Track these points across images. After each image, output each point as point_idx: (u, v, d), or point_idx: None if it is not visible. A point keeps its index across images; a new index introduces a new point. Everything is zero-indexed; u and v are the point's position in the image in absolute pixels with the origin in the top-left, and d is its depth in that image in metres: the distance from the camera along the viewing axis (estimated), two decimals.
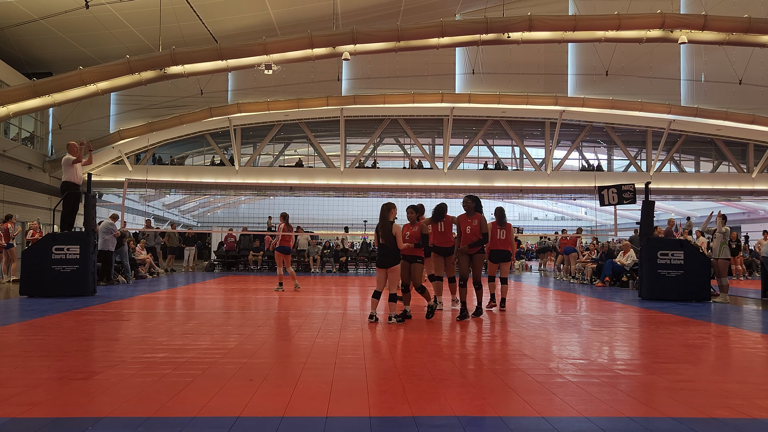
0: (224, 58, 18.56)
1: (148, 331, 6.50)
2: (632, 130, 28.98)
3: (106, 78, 18.56)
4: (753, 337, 6.62)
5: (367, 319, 7.42)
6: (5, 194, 21.10)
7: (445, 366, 4.77)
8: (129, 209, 32.56)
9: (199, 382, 4.10)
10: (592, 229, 45.61)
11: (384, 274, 7.36)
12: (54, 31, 20.39)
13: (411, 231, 7.53)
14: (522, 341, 6.06)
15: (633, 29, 18.67)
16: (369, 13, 23.09)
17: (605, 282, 14.44)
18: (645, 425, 3.27)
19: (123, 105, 24.88)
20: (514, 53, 24.22)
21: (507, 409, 3.56)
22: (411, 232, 7.53)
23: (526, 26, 18.31)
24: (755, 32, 18.20)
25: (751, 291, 13.11)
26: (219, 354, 5.17)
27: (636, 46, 21.35)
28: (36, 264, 10.17)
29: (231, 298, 10.40)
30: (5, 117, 18.52)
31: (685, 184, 28.63)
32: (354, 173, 27.57)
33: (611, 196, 11.57)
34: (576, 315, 8.55)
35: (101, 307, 8.61)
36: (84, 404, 3.54)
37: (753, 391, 4.07)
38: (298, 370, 4.54)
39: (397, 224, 7.39)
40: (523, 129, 29.02)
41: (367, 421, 3.29)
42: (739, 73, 23.45)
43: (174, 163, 27.98)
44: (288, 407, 3.53)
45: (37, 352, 5.16)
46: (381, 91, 24.93)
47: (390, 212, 7.44)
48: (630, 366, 4.93)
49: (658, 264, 10.73)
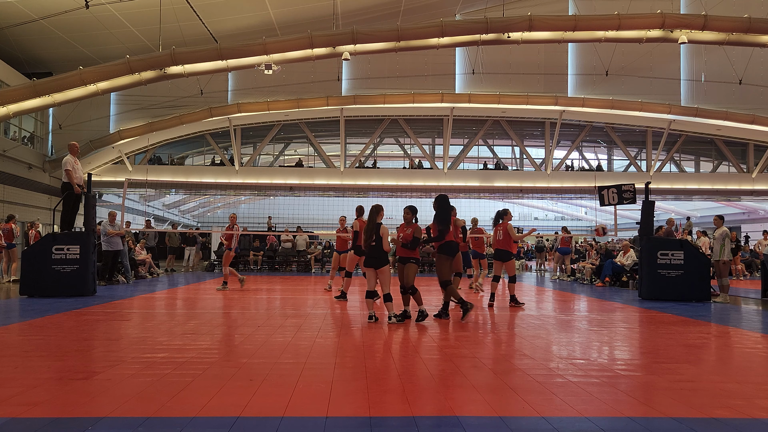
0: (224, 58, 18.56)
1: (148, 331, 6.50)
2: (632, 130, 28.98)
3: (106, 78, 18.55)
4: (753, 337, 6.62)
5: (366, 319, 7.44)
6: (5, 194, 21.10)
7: (445, 366, 4.77)
8: (129, 209, 32.55)
9: (199, 382, 4.10)
10: (592, 229, 45.56)
11: (373, 273, 7.51)
12: (54, 31, 20.38)
13: (404, 233, 7.65)
14: (522, 341, 6.06)
15: (633, 29, 18.66)
16: (369, 13, 23.09)
17: (605, 282, 14.45)
18: (645, 425, 3.27)
19: (123, 105, 24.88)
20: (514, 53, 24.21)
21: (507, 409, 3.56)
22: (404, 234, 7.65)
23: (526, 26, 18.30)
24: (755, 32, 18.19)
25: (751, 291, 13.11)
26: (219, 354, 5.17)
27: (636, 46, 21.34)
28: (36, 264, 10.17)
29: (231, 298, 10.40)
30: (5, 117, 18.51)
31: (685, 184, 28.63)
32: (354, 173, 27.57)
33: (611, 196, 11.57)
34: (576, 315, 8.55)
35: (101, 307, 8.61)
36: (84, 404, 3.54)
37: (753, 391, 4.07)
38: (298, 370, 4.54)
39: (385, 226, 7.55)
40: (523, 129, 29.02)
41: (367, 421, 3.29)
42: (739, 73, 23.45)
43: (174, 163, 27.98)
44: (288, 407, 3.53)
45: (37, 352, 5.16)
46: (381, 91, 24.93)
47: (378, 214, 7.62)
48: (630, 366, 4.93)
49: (658, 264, 10.73)
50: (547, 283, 16.25)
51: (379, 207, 7.69)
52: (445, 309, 7.77)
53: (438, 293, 9.53)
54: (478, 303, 9.85)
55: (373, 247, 7.45)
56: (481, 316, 8.27)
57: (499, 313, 8.66)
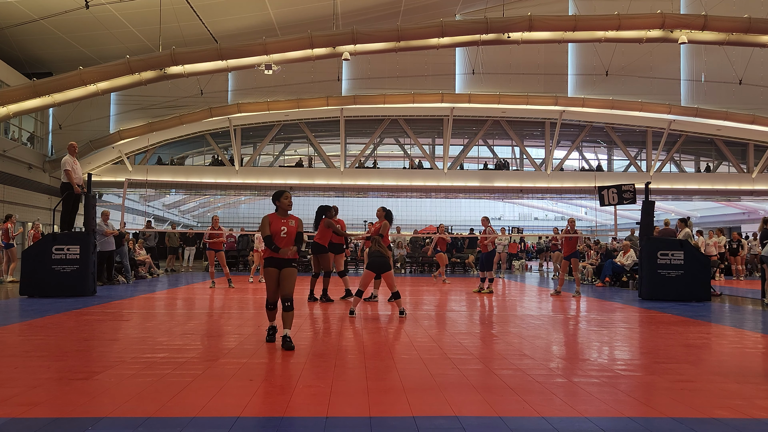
0: (224, 58, 18.56)
1: (148, 331, 6.49)
2: (632, 130, 28.98)
3: (106, 78, 18.55)
4: (753, 337, 6.62)
5: (366, 321, 7.45)
6: (5, 194, 21.10)
7: (445, 366, 4.77)
8: (129, 209, 32.56)
9: (199, 382, 4.10)
10: (592, 229, 45.57)
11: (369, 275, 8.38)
12: (54, 31, 20.38)
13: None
14: (522, 341, 6.06)
15: (633, 29, 18.66)
16: (369, 13, 23.09)
17: (605, 282, 14.44)
18: (645, 425, 3.27)
19: (123, 105, 24.88)
20: (514, 53, 24.21)
21: (507, 409, 3.56)
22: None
23: (526, 26, 18.30)
24: (755, 32, 18.19)
25: (751, 291, 13.11)
26: (219, 354, 5.17)
27: (636, 46, 21.34)
28: (36, 264, 10.17)
29: (231, 298, 10.40)
30: (5, 117, 18.51)
31: (685, 184, 28.63)
32: (354, 173, 27.57)
33: (611, 196, 11.57)
34: (576, 315, 8.55)
35: (101, 307, 8.61)
36: (84, 404, 3.54)
37: (753, 391, 4.07)
38: (298, 370, 4.54)
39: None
40: (523, 129, 29.02)
41: (367, 421, 3.29)
42: (739, 73, 23.44)
43: (174, 163, 27.98)
44: (288, 407, 3.53)
45: (37, 352, 5.16)
46: (381, 91, 24.93)
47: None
48: (630, 366, 4.93)
49: (658, 264, 10.73)
50: (547, 283, 16.24)
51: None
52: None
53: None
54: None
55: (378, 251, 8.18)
56: (481, 316, 8.27)
57: (498, 313, 8.66)
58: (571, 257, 11.22)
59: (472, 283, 15.13)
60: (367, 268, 8.04)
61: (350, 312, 7.95)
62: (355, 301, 8.03)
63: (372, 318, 7.85)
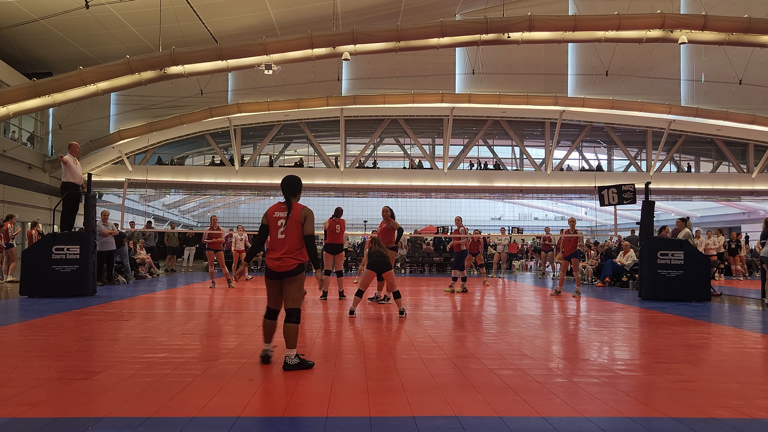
0: (224, 58, 18.57)
1: (148, 331, 6.49)
2: (632, 130, 28.98)
3: (106, 78, 18.56)
4: (753, 337, 6.62)
5: (367, 321, 7.46)
6: (5, 194, 21.10)
7: (445, 366, 4.77)
8: (129, 209, 32.55)
9: (199, 382, 4.10)
10: (592, 229, 45.58)
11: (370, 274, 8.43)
12: (54, 31, 20.38)
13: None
14: (522, 341, 6.06)
15: (633, 29, 18.67)
16: (369, 13, 23.09)
17: (605, 282, 14.44)
18: (645, 425, 3.27)
19: (123, 105, 24.88)
20: (514, 53, 24.22)
21: (507, 409, 3.56)
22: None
23: (526, 26, 18.31)
24: (755, 32, 18.19)
25: (751, 291, 13.11)
26: (219, 354, 5.17)
27: (636, 46, 21.34)
28: (36, 264, 10.17)
29: (231, 299, 10.40)
30: (5, 117, 18.51)
31: (685, 184, 28.63)
32: (354, 173, 27.58)
33: (611, 196, 11.57)
34: (576, 315, 8.54)
35: (101, 307, 8.61)
36: (84, 404, 3.54)
37: (753, 391, 4.07)
38: (298, 370, 4.54)
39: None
40: (523, 129, 29.02)
41: (367, 421, 3.29)
42: (739, 73, 23.44)
43: (174, 163, 27.98)
44: (288, 407, 3.53)
45: (37, 352, 5.16)
46: (381, 91, 24.93)
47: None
48: (630, 366, 4.93)
49: (658, 264, 10.73)
50: (546, 283, 16.24)
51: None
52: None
53: None
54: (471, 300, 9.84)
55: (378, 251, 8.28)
56: (481, 315, 8.27)
57: (498, 312, 8.66)
58: (572, 257, 11.23)
59: (472, 283, 15.14)
60: (368, 268, 8.03)
61: (350, 312, 7.96)
62: (355, 301, 8.03)
63: (372, 318, 7.85)
